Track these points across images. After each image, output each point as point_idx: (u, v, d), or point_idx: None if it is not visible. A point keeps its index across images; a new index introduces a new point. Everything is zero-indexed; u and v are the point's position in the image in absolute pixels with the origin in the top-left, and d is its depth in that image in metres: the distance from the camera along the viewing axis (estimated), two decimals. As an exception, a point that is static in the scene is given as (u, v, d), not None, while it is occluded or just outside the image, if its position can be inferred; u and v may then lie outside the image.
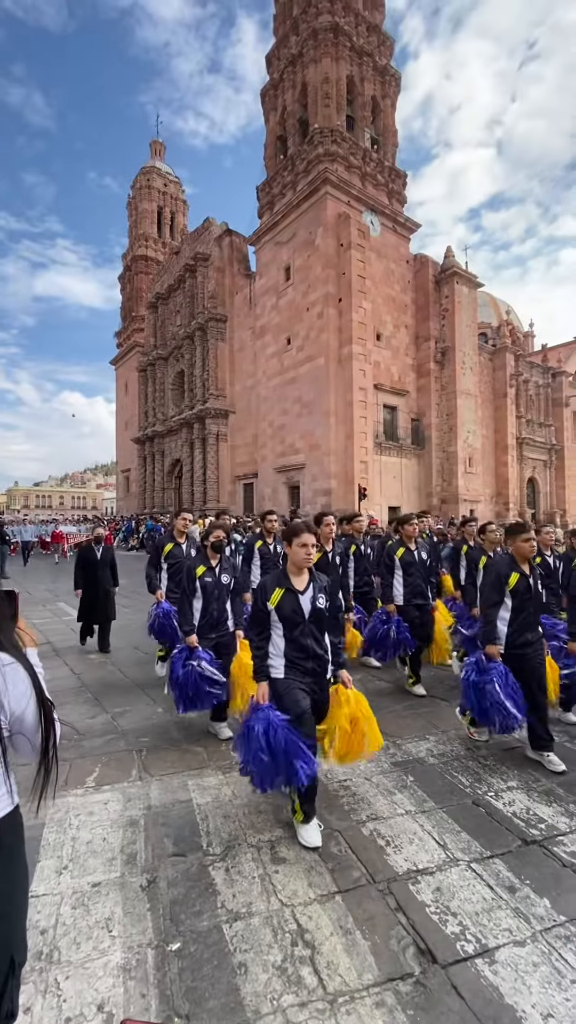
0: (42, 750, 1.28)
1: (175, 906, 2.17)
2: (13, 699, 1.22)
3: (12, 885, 1.29)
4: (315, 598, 2.80)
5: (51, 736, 1.29)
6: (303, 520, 3.56)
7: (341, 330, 22.22)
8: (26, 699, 1.25)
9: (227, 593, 4.01)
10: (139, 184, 44.95)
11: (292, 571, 2.84)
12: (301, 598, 2.77)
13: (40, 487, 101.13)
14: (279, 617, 2.77)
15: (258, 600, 2.86)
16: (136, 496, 40.80)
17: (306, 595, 2.79)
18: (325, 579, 2.91)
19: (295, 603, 2.76)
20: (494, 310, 43.77)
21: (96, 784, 3.22)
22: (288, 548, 2.83)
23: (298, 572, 2.84)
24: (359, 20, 24.83)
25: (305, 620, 2.75)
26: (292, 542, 2.78)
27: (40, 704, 1.27)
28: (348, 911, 2.14)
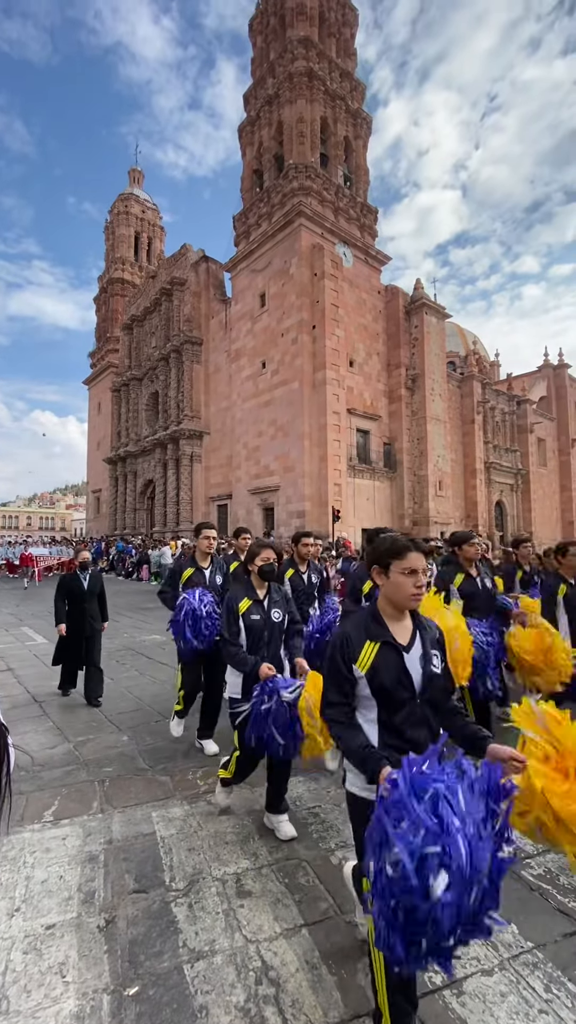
0: None
1: (134, 947, 2.07)
2: None
3: None
4: (427, 657, 1.77)
5: (4, 764, 1.22)
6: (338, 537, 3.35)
7: (315, 355, 22.69)
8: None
9: (280, 634, 3.02)
10: (117, 210, 45.47)
11: (388, 614, 1.81)
12: (406, 657, 1.75)
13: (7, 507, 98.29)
14: (372, 689, 1.74)
15: (337, 659, 1.80)
16: (107, 517, 40.08)
17: (413, 653, 1.77)
18: (434, 629, 1.89)
19: (398, 665, 1.74)
20: (462, 340, 45.47)
21: (54, 818, 3.07)
22: (380, 577, 1.81)
23: (398, 616, 1.82)
24: (332, 66, 26.11)
25: (416, 695, 1.75)
26: (390, 567, 1.77)
27: None
28: (315, 945, 2.08)
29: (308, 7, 25.17)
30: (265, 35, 27.46)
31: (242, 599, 2.95)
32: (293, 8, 25.16)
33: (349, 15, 27.92)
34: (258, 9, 28.00)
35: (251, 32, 28.64)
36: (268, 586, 3.02)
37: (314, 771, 3.69)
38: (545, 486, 38.86)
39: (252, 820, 3.04)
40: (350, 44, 28.05)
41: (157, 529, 31.36)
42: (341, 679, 1.80)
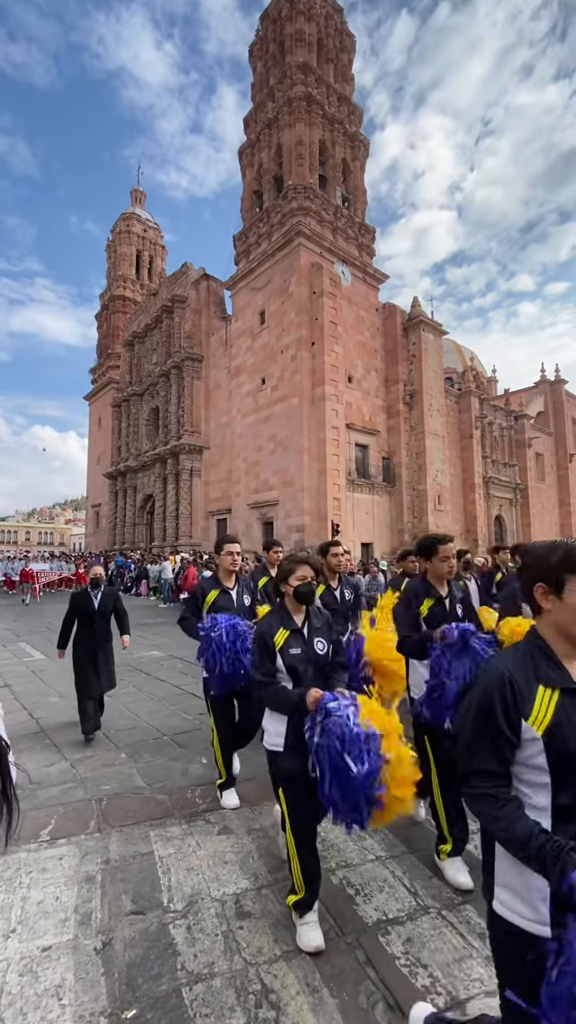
0: None
1: (132, 969, 2.04)
2: None
3: None
4: None
5: (6, 782, 1.22)
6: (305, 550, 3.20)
7: (314, 372, 22.91)
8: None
9: (325, 669, 2.41)
10: (119, 229, 46.27)
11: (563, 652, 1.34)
12: None
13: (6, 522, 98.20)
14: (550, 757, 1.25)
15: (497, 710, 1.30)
16: (106, 532, 40.04)
17: None
18: None
19: None
20: (459, 356, 45.97)
21: (51, 838, 3.04)
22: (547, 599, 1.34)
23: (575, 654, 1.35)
24: (331, 91, 26.82)
25: None
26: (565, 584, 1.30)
27: None
28: (316, 967, 2.05)
29: (307, 34, 25.95)
30: (265, 61, 28.24)
31: (277, 630, 2.36)
32: (292, 35, 25.92)
33: (347, 42, 28.76)
34: (258, 36, 28.84)
35: (251, 58, 29.46)
36: (306, 611, 2.44)
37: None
38: (544, 500, 38.96)
39: (252, 839, 3.01)
40: (348, 70, 28.85)
41: (156, 544, 31.32)
42: (500, 739, 1.27)
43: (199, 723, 5.18)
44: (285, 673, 2.35)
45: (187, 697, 6.19)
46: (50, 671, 7.57)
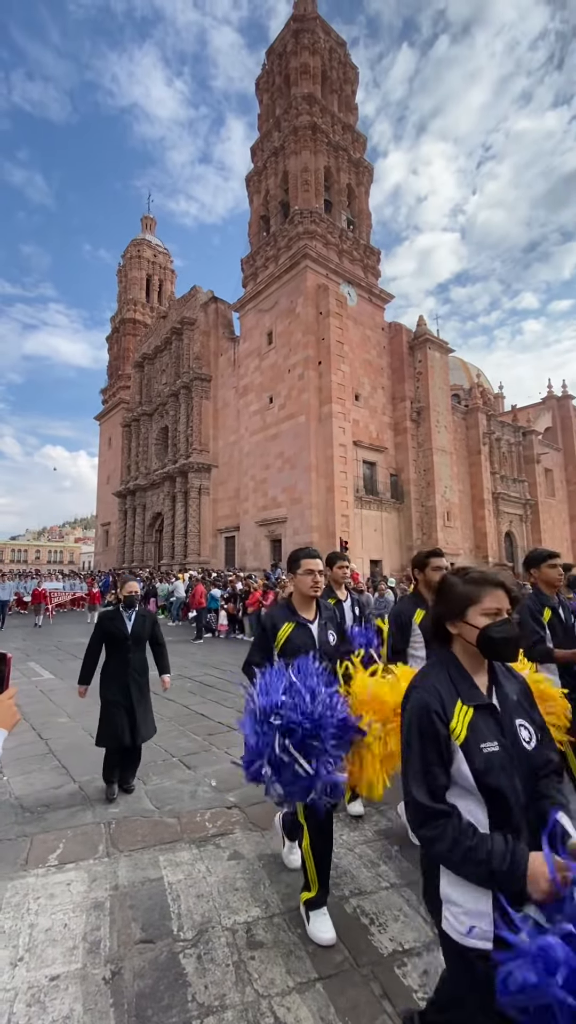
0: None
1: (141, 1000, 1.99)
2: None
3: None
4: None
5: None
6: None
7: (321, 390, 23.12)
8: None
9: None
10: (130, 254, 47.51)
11: None
12: None
13: (16, 541, 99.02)
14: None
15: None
16: (115, 550, 40.21)
17: None
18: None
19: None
20: (465, 373, 46.20)
21: (59, 862, 2.99)
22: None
23: None
24: (335, 120, 27.62)
25: None
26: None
27: None
28: (330, 1000, 1.99)
29: (311, 67, 26.84)
30: (271, 93, 29.20)
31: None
32: (297, 68, 26.83)
33: (350, 73, 29.69)
34: (264, 69, 29.89)
35: (258, 90, 30.48)
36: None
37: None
38: (555, 516, 38.64)
39: (263, 865, 2.95)
40: (351, 100, 29.73)
41: (165, 562, 31.37)
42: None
43: (208, 744, 5.13)
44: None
45: (195, 717, 6.13)
46: (59, 691, 7.55)
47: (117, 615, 4.02)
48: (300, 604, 2.65)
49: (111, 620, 4.01)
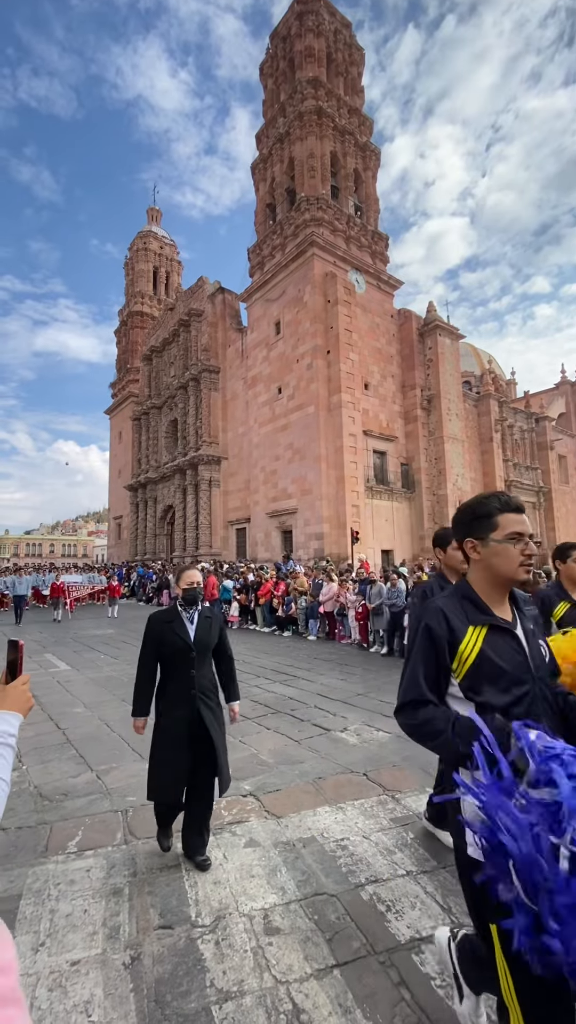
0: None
1: (160, 985, 2.01)
2: None
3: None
4: None
5: None
6: None
7: (330, 380, 22.94)
8: None
9: None
10: (136, 247, 47.34)
11: None
12: None
13: (31, 535, 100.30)
14: None
15: None
16: (127, 543, 40.54)
17: None
18: None
19: None
20: (477, 360, 45.54)
21: (78, 849, 3.04)
22: None
23: None
24: (341, 103, 27.11)
25: None
26: None
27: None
28: (348, 987, 1.99)
29: (316, 50, 26.32)
30: (275, 78, 28.72)
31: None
32: (302, 51, 26.33)
33: (355, 55, 29.08)
34: (268, 54, 29.37)
35: (262, 75, 30.00)
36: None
37: (339, 800, 3.59)
38: (568, 503, 38.13)
39: (278, 852, 2.96)
40: (357, 82, 29.13)
41: (177, 554, 31.58)
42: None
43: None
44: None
45: (210, 707, 6.16)
46: (75, 682, 7.65)
47: (174, 617, 2.96)
48: (488, 593, 1.58)
49: (167, 624, 2.93)
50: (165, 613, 3.03)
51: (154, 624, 2.97)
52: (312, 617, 12.44)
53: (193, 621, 2.95)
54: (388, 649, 10.00)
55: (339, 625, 11.91)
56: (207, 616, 3.02)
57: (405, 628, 9.50)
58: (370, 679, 7.73)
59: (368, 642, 10.71)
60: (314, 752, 4.60)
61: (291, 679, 7.49)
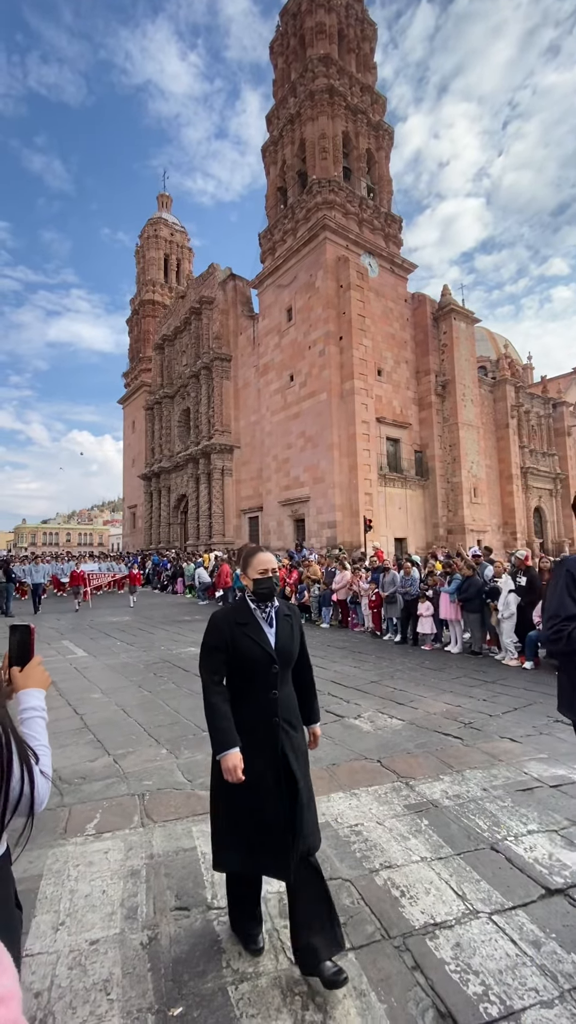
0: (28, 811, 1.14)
1: (178, 965, 2.04)
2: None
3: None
4: None
5: (33, 794, 1.15)
6: None
7: (342, 366, 22.70)
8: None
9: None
10: (147, 234, 47.07)
11: None
12: None
13: (47, 524, 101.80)
14: None
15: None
16: (142, 532, 40.91)
17: None
18: None
19: None
20: (492, 344, 44.68)
21: (96, 832, 3.10)
22: None
23: None
24: (353, 81, 26.44)
25: None
26: None
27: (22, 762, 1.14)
28: (362, 970, 2.01)
29: (327, 26, 25.64)
30: (286, 56, 28.09)
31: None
32: (312, 28, 25.67)
33: (368, 30, 28.27)
34: (278, 32, 28.70)
35: (272, 54, 29.35)
36: None
37: (353, 786, 3.61)
38: (586, 490, 37.48)
39: (293, 837, 2.98)
40: (369, 58, 28.37)
41: (191, 543, 31.79)
42: None
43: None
44: None
45: (225, 694, 6.22)
46: (92, 668, 7.78)
47: (248, 617, 2.16)
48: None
49: (240, 627, 2.12)
50: (234, 612, 2.17)
51: (222, 625, 2.11)
52: (325, 605, 12.46)
53: (272, 623, 2.14)
54: (402, 637, 9.98)
55: (352, 613, 11.91)
56: (286, 615, 2.20)
57: (419, 616, 9.50)
58: (383, 667, 7.74)
59: (381, 630, 10.71)
60: (328, 738, 4.62)
61: (305, 666, 7.52)
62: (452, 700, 5.83)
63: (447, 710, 5.44)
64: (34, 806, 1.16)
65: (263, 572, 2.16)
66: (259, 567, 2.17)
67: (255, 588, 2.17)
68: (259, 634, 2.10)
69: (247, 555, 2.24)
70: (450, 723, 5.01)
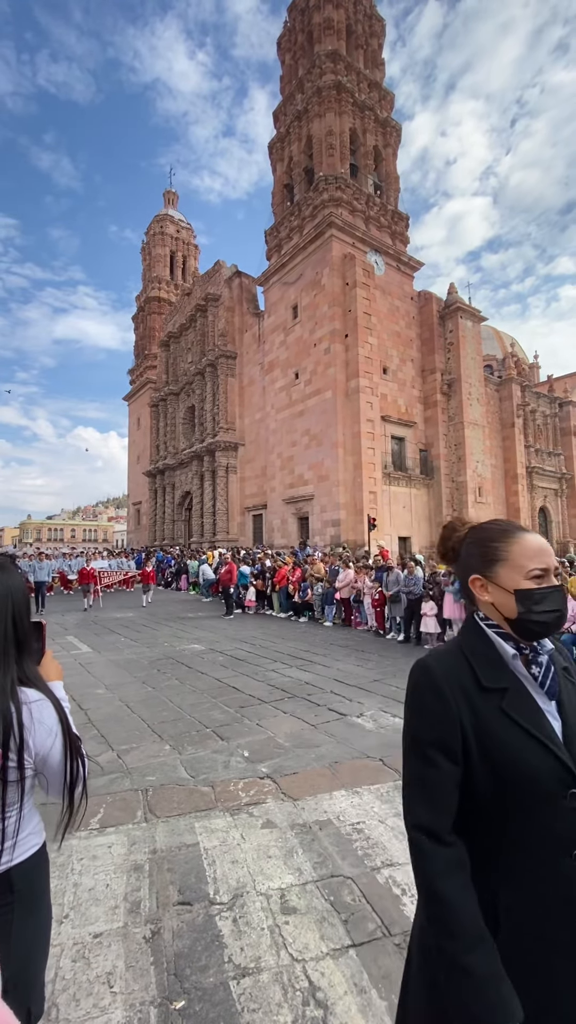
0: (68, 788, 1.23)
1: (180, 960, 2.06)
2: (39, 737, 1.18)
3: (36, 931, 1.24)
4: None
5: (78, 772, 1.25)
6: None
7: (348, 364, 22.66)
8: (52, 737, 1.21)
9: None
10: (153, 231, 47.07)
11: None
12: None
13: (52, 520, 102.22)
14: None
15: None
16: (147, 528, 41.03)
17: None
18: None
19: None
20: (499, 343, 44.45)
21: (100, 826, 3.12)
22: None
23: None
24: (361, 78, 26.31)
25: None
26: None
27: (67, 741, 1.23)
28: (363, 967, 2.02)
29: (335, 21, 25.52)
30: (293, 52, 27.98)
31: None
32: (320, 23, 25.55)
33: (376, 26, 28.11)
34: (286, 27, 28.58)
35: (279, 50, 29.24)
36: None
37: (355, 784, 3.62)
38: (592, 490, 37.25)
39: (295, 834, 3.00)
40: (378, 55, 28.22)
41: (195, 540, 31.85)
42: None
43: (239, 716, 5.22)
44: None
45: (227, 690, 6.24)
46: (97, 664, 7.81)
47: (496, 672, 1.04)
48: None
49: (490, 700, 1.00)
50: (467, 661, 1.06)
51: (447, 693, 1.02)
52: (328, 603, 12.46)
53: (550, 687, 1.04)
54: (405, 636, 9.98)
55: (355, 611, 11.91)
56: (564, 667, 1.10)
57: (422, 615, 9.49)
58: (386, 665, 7.73)
59: (384, 629, 10.70)
60: (330, 736, 4.64)
61: (307, 664, 7.54)
62: (455, 699, 5.82)
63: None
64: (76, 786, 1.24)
65: (540, 574, 1.05)
66: (531, 562, 1.05)
67: (525, 610, 1.03)
68: (534, 716, 1.00)
69: (494, 538, 1.11)
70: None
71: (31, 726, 1.17)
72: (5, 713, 1.15)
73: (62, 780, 1.22)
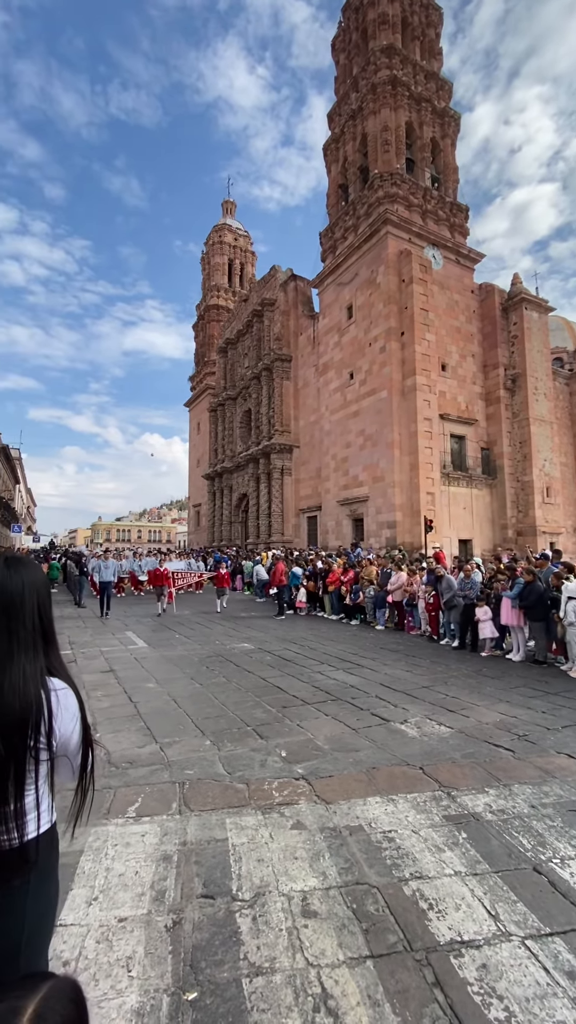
0: (80, 771, 1.37)
1: (197, 952, 2.09)
2: (63, 722, 1.30)
3: (48, 900, 1.33)
4: None
5: (89, 757, 1.38)
6: None
7: (404, 362, 22.16)
8: (74, 722, 1.33)
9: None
10: (212, 240, 48.39)
11: None
12: None
13: (120, 522, 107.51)
14: None
15: None
16: (206, 529, 42.14)
17: None
18: None
19: None
20: (569, 334, 41.81)
21: (136, 815, 3.23)
22: None
23: None
24: (417, 70, 25.71)
25: None
26: None
27: (84, 726, 1.37)
28: (379, 980, 1.96)
29: (391, 15, 25.10)
30: (348, 52, 27.82)
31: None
32: (375, 19, 25.22)
33: (433, 15, 27.37)
34: (340, 27, 28.47)
35: (334, 51, 29.17)
36: None
37: (391, 791, 3.52)
38: None
39: (323, 838, 2.96)
40: (435, 44, 27.44)
41: (251, 541, 32.33)
42: None
43: (281, 716, 5.24)
44: None
45: (271, 689, 6.28)
46: (150, 659, 8.12)
47: None
48: None
49: None
50: None
51: None
52: (380, 606, 12.23)
53: None
54: (460, 642, 9.60)
55: (409, 615, 11.61)
56: None
57: (478, 621, 9.09)
58: (438, 672, 7.48)
59: (438, 634, 10.35)
60: (370, 741, 4.54)
61: (355, 667, 7.43)
62: (508, 710, 5.53)
63: (501, 720, 5.17)
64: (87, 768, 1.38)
65: None
66: None
67: None
68: None
69: None
70: (503, 734, 4.76)
71: (58, 712, 1.28)
72: (37, 700, 1.25)
73: (78, 763, 1.36)
